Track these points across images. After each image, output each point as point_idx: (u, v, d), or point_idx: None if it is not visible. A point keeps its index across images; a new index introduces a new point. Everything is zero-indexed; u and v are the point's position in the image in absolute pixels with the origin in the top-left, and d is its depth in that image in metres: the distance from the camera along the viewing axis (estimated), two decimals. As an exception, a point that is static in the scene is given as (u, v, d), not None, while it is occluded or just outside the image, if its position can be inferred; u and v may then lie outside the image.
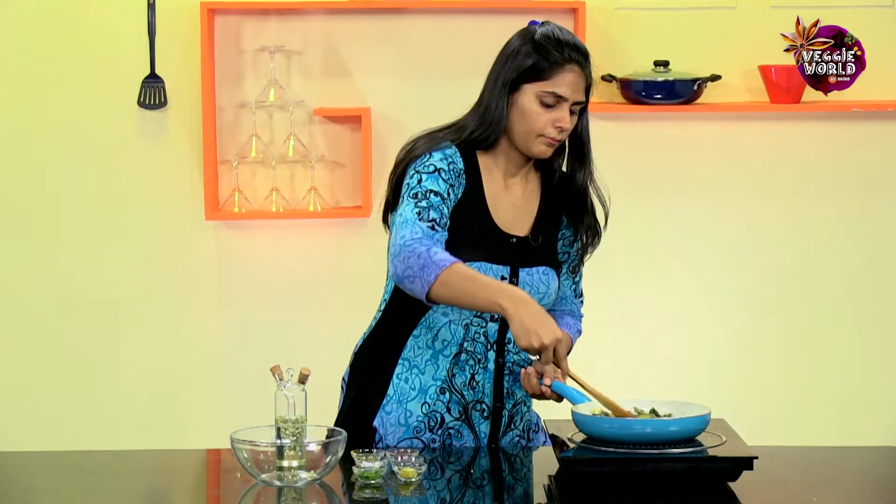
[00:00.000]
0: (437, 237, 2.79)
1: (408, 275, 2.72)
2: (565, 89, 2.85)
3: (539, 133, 2.87)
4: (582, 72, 2.86)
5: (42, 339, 4.60)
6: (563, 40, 2.86)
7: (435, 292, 2.71)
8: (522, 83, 2.86)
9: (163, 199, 4.57)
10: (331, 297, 4.59)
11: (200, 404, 4.62)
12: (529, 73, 2.85)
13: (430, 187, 2.83)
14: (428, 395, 2.92)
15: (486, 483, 2.75)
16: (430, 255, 2.71)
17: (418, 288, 2.71)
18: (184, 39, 4.51)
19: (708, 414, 2.70)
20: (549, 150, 2.90)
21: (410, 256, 2.72)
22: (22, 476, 2.81)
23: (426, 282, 2.70)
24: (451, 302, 2.73)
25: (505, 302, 2.67)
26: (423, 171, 2.85)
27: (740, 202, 4.64)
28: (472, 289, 2.70)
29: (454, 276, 2.70)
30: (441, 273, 2.69)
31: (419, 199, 2.81)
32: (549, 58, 2.85)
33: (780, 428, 4.59)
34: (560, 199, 3.00)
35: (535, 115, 2.86)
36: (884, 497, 2.70)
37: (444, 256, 2.72)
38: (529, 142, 2.89)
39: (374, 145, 4.54)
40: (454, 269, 2.70)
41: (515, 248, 2.93)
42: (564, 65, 2.84)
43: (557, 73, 2.85)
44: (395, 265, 2.74)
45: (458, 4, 4.53)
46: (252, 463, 2.61)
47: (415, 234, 2.76)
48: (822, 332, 4.68)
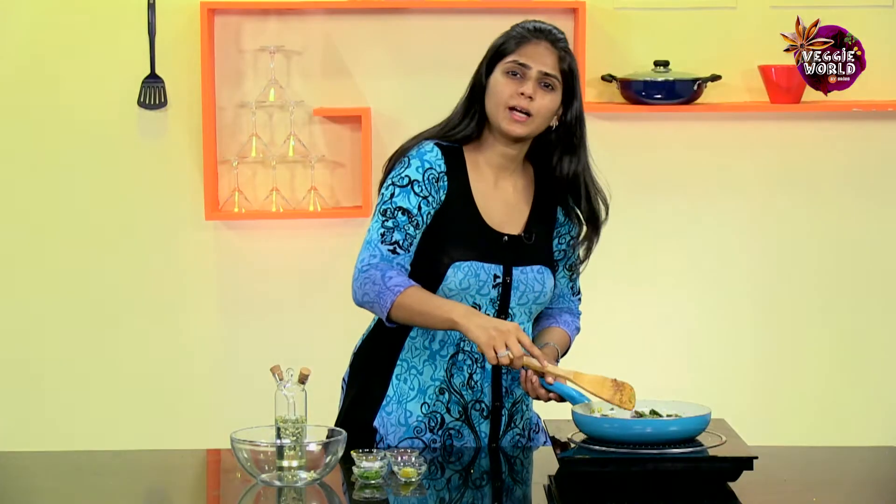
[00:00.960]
0: (398, 260, 2.84)
1: (367, 300, 2.83)
2: (528, 59, 2.88)
3: (505, 104, 2.88)
4: (552, 48, 2.90)
5: (42, 339, 4.60)
6: (533, 25, 2.93)
7: (393, 316, 2.81)
8: (495, 64, 2.92)
9: (163, 199, 4.57)
10: (331, 297, 4.59)
11: (200, 404, 4.62)
12: (499, 53, 2.92)
13: (399, 204, 2.87)
14: (427, 395, 2.92)
15: (486, 483, 2.75)
16: (384, 281, 2.80)
17: (378, 312, 2.83)
18: (184, 39, 4.51)
19: (708, 414, 2.70)
20: (517, 125, 2.89)
21: (366, 283, 2.81)
22: (22, 476, 2.81)
23: (383, 307, 2.80)
24: (410, 323, 2.83)
25: (455, 317, 2.75)
26: (398, 183, 2.88)
27: (740, 202, 4.63)
28: (426, 311, 2.78)
29: (408, 300, 2.79)
30: (396, 299, 2.78)
31: (386, 218, 2.87)
32: (514, 34, 2.92)
33: (780, 428, 4.59)
34: (554, 194, 3.00)
35: (501, 87, 2.89)
36: (884, 497, 2.70)
37: (399, 281, 2.79)
38: (499, 118, 2.90)
39: (374, 145, 4.54)
40: (408, 293, 2.79)
41: (508, 246, 2.93)
42: (529, 38, 2.90)
43: (521, 46, 2.90)
44: (355, 290, 2.84)
45: (458, 4, 4.53)
46: (252, 463, 2.61)
47: (373, 257, 2.84)
48: (821, 332, 4.67)
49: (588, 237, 3.02)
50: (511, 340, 2.71)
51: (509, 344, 2.71)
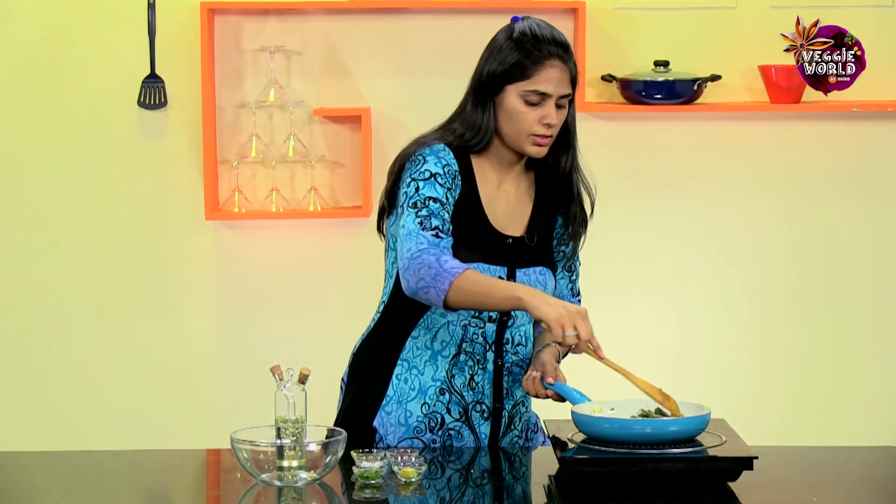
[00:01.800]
0: (443, 244, 2.78)
1: (421, 286, 2.72)
2: (548, 86, 2.84)
3: (528, 132, 2.87)
4: (564, 65, 2.86)
5: (42, 339, 4.60)
6: (541, 36, 2.85)
7: (451, 299, 2.71)
8: (505, 84, 2.86)
9: (163, 199, 4.57)
10: (331, 298, 4.59)
11: (200, 404, 4.62)
12: (511, 74, 2.85)
13: (428, 194, 2.82)
14: (427, 395, 2.92)
15: (486, 483, 2.75)
16: (440, 265, 2.72)
17: (434, 297, 2.72)
18: (184, 39, 4.51)
19: (708, 414, 2.70)
20: (543, 149, 2.89)
21: (421, 268, 2.72)
22: (22, 476, 2.81)
23: (441, 290, 2.70)
24: (468, 306, 2.75)
25: (521, 293, 2.69)
26: (419, 178, 2.84)
27: (740, 202, 4.63)
28: (487, 290, 2.71)
29: (467, 282, 2.70)
30: (454, 280, 2.70)
31: (419, 209, 2.81)
32: (530, 56, 2.84)
33: (780, 428, 4.59)
34: (550, 192, 3.00)
35: (521, 115, 2.86)
36: (884, 497, 2.70)
37: (455, 264, 2.73)
38: (521, 142, 2.88)
39: (374, 145, 4.54)
40: (466, 275, 2.71)
41: (511, 248, 2.93)
42: (545, 61, 2.84)
43: (538, 71, 2.84)
44: (408, 279, 2.75)
45: (458, 4, 4.52)
46: (252, 463, 2.61)
47: (420, 244, 2.76)
48: (821, 332, 4.67)
49: (577, 232, 3.01)
50: (580, 323, 2.66)
51: (578, 325, 2.65)
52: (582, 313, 2.67)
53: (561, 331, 2.64)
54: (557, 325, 2.64)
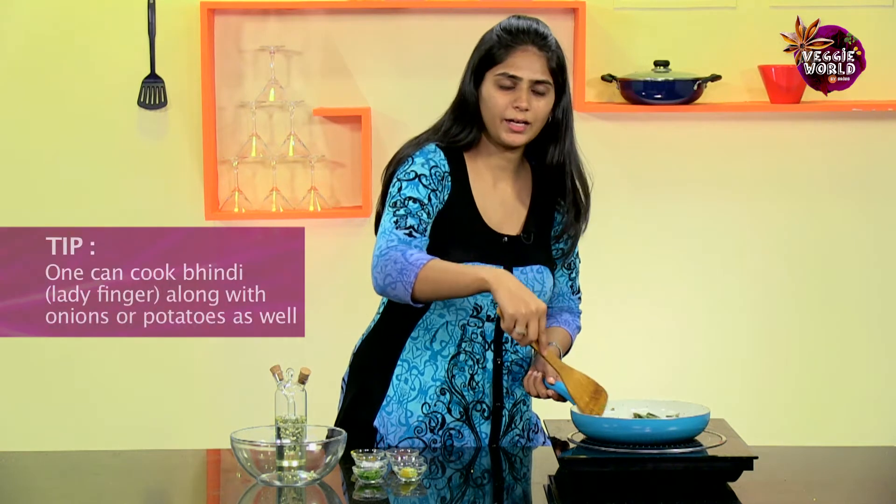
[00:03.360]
0: (415, 243, 2.81)
1: (388, 282, 2.76)
2: (517, 70, 2.87)
3: (501, 117, 2.89)
4: (539, 52, 2.89)
5: (42, 338, 4.60)
6: (517, 26, 2.91)
7: (418, 291, 2.74)
8: (484, 72, 2.91)
9: (163, 199, 4.57)
10: (331, 297, 4.59)
11: (200, 404, 4.62)
12: (487, 61, 2.90)
13: (409, 194, 2.85)
14: (428, 395, 2.92)
15: (486, 483, 2.75)
16: (405, 258, 2.75)
17: (401, 291, 2.75)
18: (184, 39, 4.51)
19: (708, 414, 2.70)
20: (517, 136, 2.90)
21: (388, 264, 2.76)
22: (22, 476, 2.81)
23: (407, 283, 2.73)
24: (436, 296, 2.77)
25: (485, 275, 2.71)
26: (404, 178, 2.87)
27: (740, 202, 4.63)
28: (452, 276, 2.74)
29: (432, 272, 2.73)
30: (419, 272, 2.73)
31: (398, 208, 2.84)
32: (502, 41, 2.90)
33: (780, 428, 4.59)
34: (551, 194, 3.00)
35: (494, 100, 2.89)
36: (884, 497, 2.70)
37: (420, 256, 2.75)
38: (497, 129, 2.90)
39: (374, 145, 4.54)
40: (431, 265, 2.74)
41: (507, 247, 2.93)
42: (516, 46, 2.88)
43: (509, 55, 2.89)
44: (375, 276, 2.79)
45: (458, 4, 4.52)
46: (252, 463, 2.61)
47: (390, 242, 2.80)
48: (821, 332, 4.67)
49: (572, 225, 3.00)
50: (532, 323, 2.68)
51: (530, 326, 2.68)
52: (539, 312, 2.69)
53: (512, 325, 2.68)
54: (511, 321, 2.68)
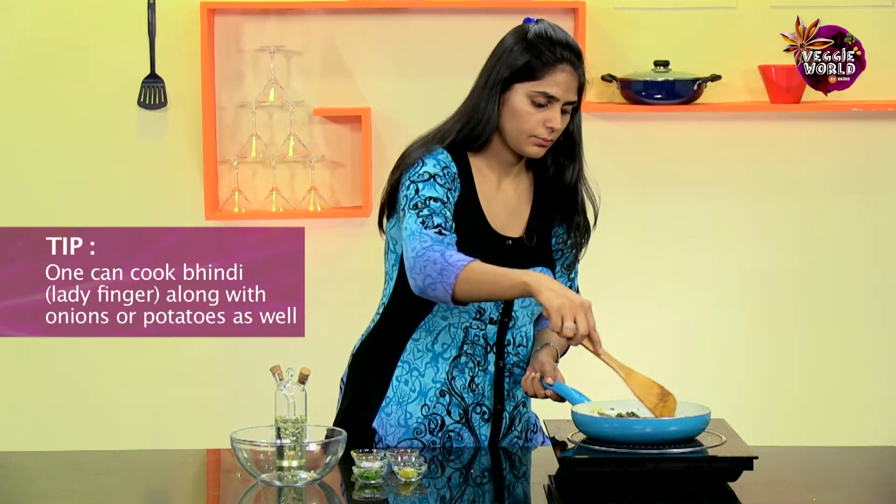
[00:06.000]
0: (447, 240, 2.78)
1: (428, 283, 2.72)
2: (556, 89, 2.84)
3: (530, 133, 2.86)
4: (574, 71, 2.85)
5: (42, 338, 4.60)
6: (555, 39, 2.85)
7: (458, 292, 2.71)
8: (514, 82, 2.86)
9: (163, 199, 4.57)
10: (330, 298, 4.59)
11: (200, 404, 4.62)
12: (521, 73, 2.85)
13: (428, 194, 2.82)
14: (427, 397, 2.92)
15: (486, 483, 2.75)
16: (445, 259, 2.71)
17: (441, 293, 2.71)
18: (184, 39, 4.51)
19: (708, 414, 2.70)
20: (542, 150, 2.89)
21: (427, 265, 2.72)
22: (22, 476, 2.81)
23: (448, 285, 2.70)
24: (475, 298, 2.74)
25: (527, 279, 2.67)
26: (419, 180, 2.84)
27: (740, 202, 4.63)
28: (493, 279, 2.70)
29: (473, 273, 2.70)
30: (460, 273, 2.69)
31: (420, 209, 2.81)
32: (542, 57, 2.84)
33: (780, 428, 4.59)
34: (551, 198, 3.00)
35: (526, 115, 2.85)
36: (884, 497, 2.70)
37: (459, 257, 2.72)
38: (521, 142, 2.88)
39: (374, 145, 4.54)
40: (471, 266, 2.71)
41: (511, 249, 2.92)
42: (556, 65, 2.84)
43: (549, 73, 2.84)
44: (414, 278, 2.74)
45: (458, 4, 4.53)
46: (252, 463, 2.61)
47: (424, 243, 2.76)
48: (821, 332, 4.67)
49: (579, 241, 3.01)
50: (581, 316, 2.63)
51: (578, 319, 2.62)
52: (585, 306, 2.64)
53: (560, 321, 2.62)
54: (557, 315, 2.62)
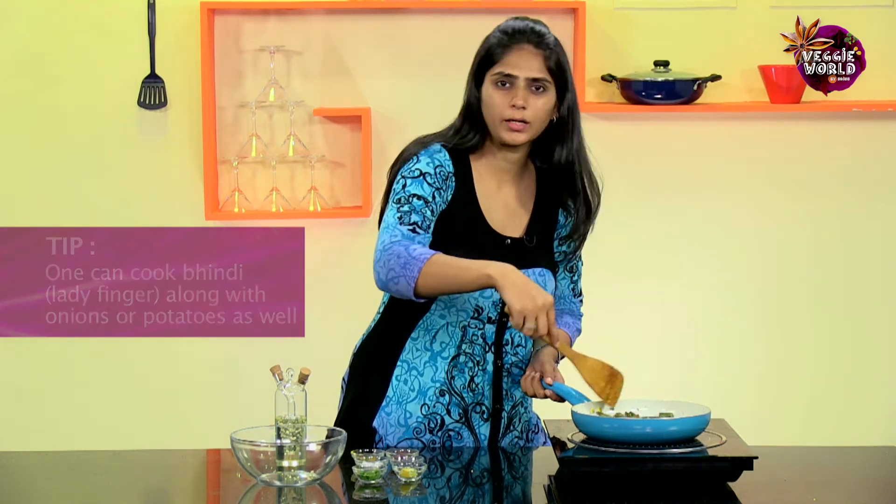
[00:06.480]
0: (419, 239, 2.80)
1: (391, 277, 2.74)
2: (513, 68, 2.87)
3: (500, 117, 2.88)
4: (536, 49, 2.89)
5: (42, 339, 4.60)
6: (514, 27, 2.92)
7: (421, 285, 2.73)
8: (483, 73, 2.91)
9: (163, 199, 4.57)
10: (330, 297, 4.59)
11: (200, 404, 4.62)
12: (485, 62, 2.91)
13: (413, 191, 2.84)
14: (427, 396, 2.92)
15: (486, 483, 2.75)
16: (409, 253, 2.74)
17: (404, 287, 2.73)
18: (184, 39, 4.51)
19: (708, 414, 2.70)
20: (516, 134, 2.89)
21: (390, 259, 2.75)
22: (22, 476, 2.81)
23: (410, 278, 2.72)
24: (439, 291, 2.76)
25: (491, 271, 2.70)
26: (409, 175, 2.87)
27: (740, 202, 4.63)
28: (457, 271, 2.73)
29: (436, 266, 2.72)
30: (423, 266, 2.71)
31: (402, 204, 2.83)
32: (500, 42, 2.91)
33: (780, 428, 4.59)
34: (552, 187, 3.00)
35: (492, 99, 2.89)
36: (884, 497, 2.70)
37: (423, 251, 2.74)
38: (497, 129, 2.90)
39: (374, 145, 4.54)
40: (434, 259, 2.73)
41: (510, 249, 2.93)
42: (512, 45, 2.89)
43: (505, 54, 2.89)
44: (378, 271, 2.77)
45: (458, 4, 4.53)
46: (252, 463, 2.61)
47: (394, 237, 2.78)
48: (821, 332, 4.67)
49: (579, 227, 3.00)
50: (542, 316, 2.67)
51: (539, 319, 2.67)
52: (547, 305, 2.68)
53: (521, 322, 2.67)
54: (520, 317, 2.67)
